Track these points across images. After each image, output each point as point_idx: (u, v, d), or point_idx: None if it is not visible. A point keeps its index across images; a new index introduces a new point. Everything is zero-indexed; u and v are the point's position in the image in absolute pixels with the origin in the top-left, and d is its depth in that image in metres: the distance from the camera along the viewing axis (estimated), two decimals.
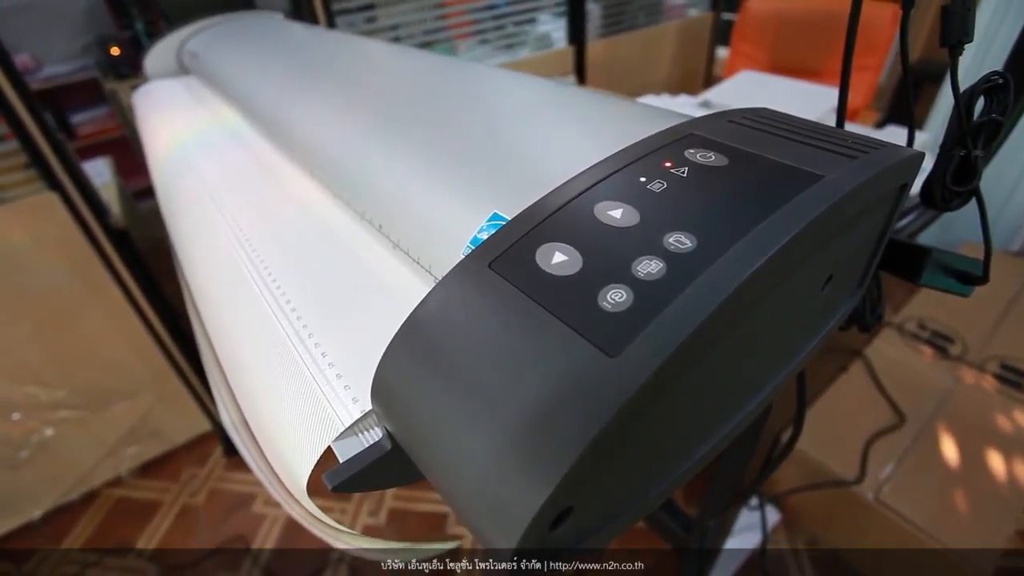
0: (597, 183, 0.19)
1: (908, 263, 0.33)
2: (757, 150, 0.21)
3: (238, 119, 0.52)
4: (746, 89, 0.98)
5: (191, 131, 0.51)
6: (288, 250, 0.29)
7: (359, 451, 0.19)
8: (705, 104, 0.98)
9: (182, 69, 0.79)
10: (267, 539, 1.06)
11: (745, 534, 0.92)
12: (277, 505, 1.13)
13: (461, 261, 0.18)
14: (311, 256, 0.28)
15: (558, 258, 0.17)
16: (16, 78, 0.82)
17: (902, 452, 0.89)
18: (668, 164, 0.20)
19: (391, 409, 0.17)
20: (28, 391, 1.00)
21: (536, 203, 0.19)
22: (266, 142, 0.45)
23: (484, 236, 0.22)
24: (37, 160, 0.88)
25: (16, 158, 0.90)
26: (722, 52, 1.84)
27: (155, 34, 1.71)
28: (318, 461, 0.20)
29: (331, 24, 1.16)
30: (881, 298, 0.38)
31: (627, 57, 1.58)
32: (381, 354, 0.17)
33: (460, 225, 0.22)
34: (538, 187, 0.22)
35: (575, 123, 0.27)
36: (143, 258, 1.06)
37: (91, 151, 1.69)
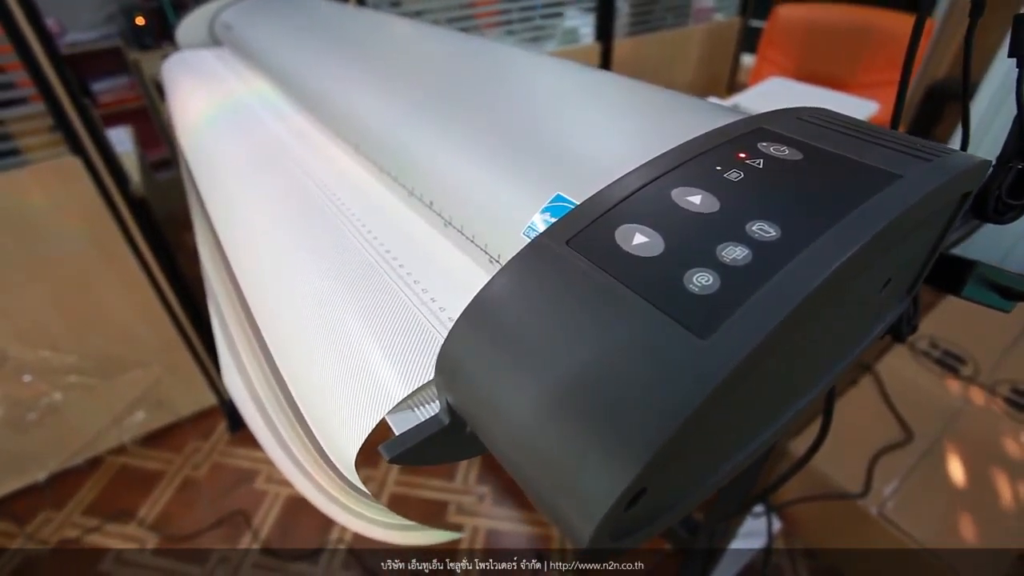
0: (671, 169, 0.19)
1: (951, 275, 0.33)
2: (830, 147, 0.20)
3: (272, 91, 0.52)
4: (776, 95, 0.97)
5: (235, 97, 0.51)
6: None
7: (416, 424, 0.19)
8: (735, 108, 0.97)
9: (213, 40, 0.79)
10: (268, 516, 1.07)
11: (744, 540, 0.93)
12: (279, 483, 1.14)
13: (537, 237, 0.18)
14: (365, 229, 0.28)
15: (639, 239, 0.17)
16: (47, 40, 0.82)
17: (908, 469, 0.89)
18: (743, 155, 0.20)
19: (460, 383, 0.17)
20: (41, 354, 1.01)
21: (609, 186, 0.19)
22: (302, 115, 0.45)
23: (547, 217, 0.21)
24: (62, 124, 0.88)
25: (41, 120, 0.90)
26: (746, 59, 1.82)
27: (181, 6, 1.71)
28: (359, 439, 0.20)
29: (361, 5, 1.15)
30: (917, 309, 0.38)
31: (653, 57, 1.57)
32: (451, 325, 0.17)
33: (521, 205, 0.22)
34: (601, 172, 0.22)
35: (633, 111, 0.27)
36: (160, 228, 1.07)
37: (110, 120, 1.70)
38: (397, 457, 0.18)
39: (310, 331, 0.23)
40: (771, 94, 1.00)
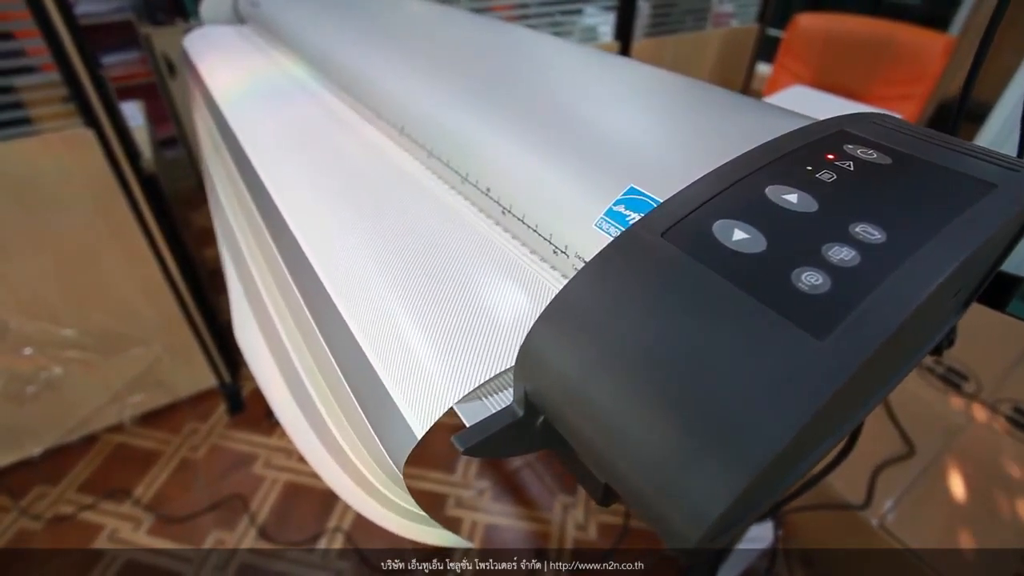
0: (761, 168, 0.19)
1: (995, 290, 0.33)
2: (916, 152, 0.20)
3: (302, 70, 0.52)
4: (800, 104, 0.96)
5: (275, 71, 0.50)
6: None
7: (489, 415, 0.18)
8: None
9: (237, 17, 0.78)
10: (265, 501, 1.06)
11: (743, 544, 0.93)
12: (278, 468, 1.13)
13: (630, 227, 0.17)
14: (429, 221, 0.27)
15: (739, 235, 0.16)
16: (66, 9, 0.80)
17: (909, 483, 0.90)
18: (831, 156, 0.19)
19: (549, 376, 0.16)
20: (42, 327, 0.99)
21: (697, 181, 0.19)
22: (334, 96, 0.44)
23: (621, 209, 0.21)
24: (77, 94, 0.87)
25: (55, 90, 0.89)
26: (760, 68, 1.82)
27: None
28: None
29: None
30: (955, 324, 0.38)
31: (670, 59, 1.56)
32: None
33: (592, 195, 0.22)
34: (676, 167, 0.21)
35: (701, 109, 0.26)
36: (169, 206, 1.05)
37: (118, 94, 1.67)
38: (471, 449, 0.17)
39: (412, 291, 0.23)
40: (794, 103, 1.00)
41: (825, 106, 1.01)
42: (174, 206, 1.12)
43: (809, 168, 0.19)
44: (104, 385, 1.14)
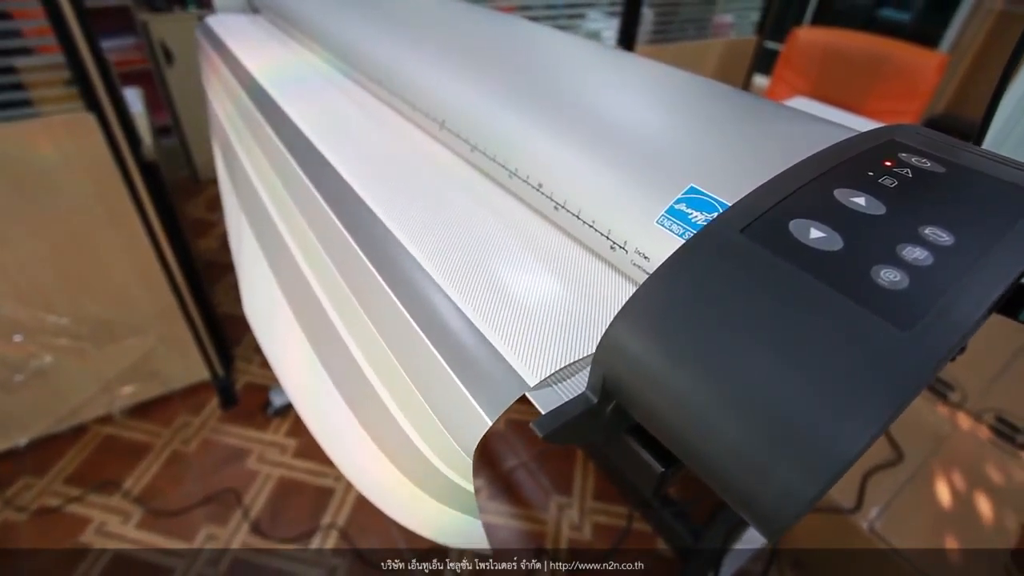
0: (825, 172, 0.20)
1: (1011, 299, 0.35)
2: (964, 163, 0.21)
3: (321, 60, 0.52)
4: None
5: (303, 60, 0.50)
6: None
7: (565, 402, 0.19)
8: None
9: (251, 7, 0.77)
10: (259, 496, 1.05)
11: (738, 544, 0.94)
12: (271, 463, 1.12)
13: (709, 224, 0.18)
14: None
15: (815, 234, 0.17)
16: None
17: (898, 488, 0.92)
18: (888, 163, 0.20)
19: (634, 367, 0.17)
20: (34, 314, 0.97)
21: (766, 183, 0.19)
22: (361, 89, 0.45)
23: (683, 207, 0.22)
24: (80, 78, 0.85)
25: (57, 73, 0.87)
26: (757, 80, 1.85)
27: None
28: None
29: None
30: None
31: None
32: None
33: (653, 193, 0.23)
34: (735, 169, 0.22)
35: (748, 115, 0.27)
36: (168, 194, 1.04)
37: None
38: (550, 434, 0.18)
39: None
40: None
41: (833, 119, 1.04)
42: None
43: (871, 174, 0.20)
44: (95, 375, 1.11)
